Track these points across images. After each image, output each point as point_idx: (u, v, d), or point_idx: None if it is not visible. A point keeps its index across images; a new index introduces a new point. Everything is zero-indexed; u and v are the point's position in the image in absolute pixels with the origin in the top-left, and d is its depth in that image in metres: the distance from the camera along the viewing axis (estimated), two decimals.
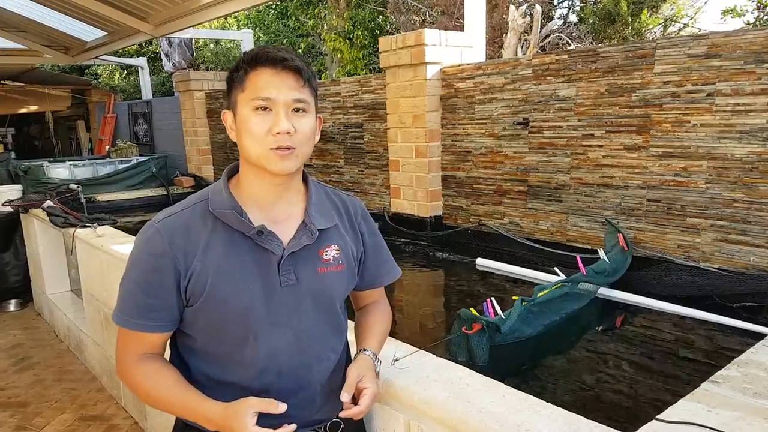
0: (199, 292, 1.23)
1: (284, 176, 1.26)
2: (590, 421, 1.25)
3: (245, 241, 1.26)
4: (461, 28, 3.84)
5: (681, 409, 1.33)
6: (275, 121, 1.20)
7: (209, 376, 1.31)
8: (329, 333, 1.38)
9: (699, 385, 1.45)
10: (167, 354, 1.36)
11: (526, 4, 6.35)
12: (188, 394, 1.25)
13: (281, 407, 1.19)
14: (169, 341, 1.35)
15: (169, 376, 1.27)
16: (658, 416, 1.29)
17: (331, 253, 1.35)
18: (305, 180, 1.38)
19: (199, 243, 1.24)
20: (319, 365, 1.36)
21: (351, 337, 1.52)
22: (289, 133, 1.20)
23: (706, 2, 6.80)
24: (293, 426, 1.20)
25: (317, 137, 1.32)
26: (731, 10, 6.41)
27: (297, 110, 1.23)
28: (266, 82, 1.20)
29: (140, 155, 7.26)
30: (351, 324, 1.55)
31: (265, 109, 1.20)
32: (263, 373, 1.29)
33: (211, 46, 10.47)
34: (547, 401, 1.35)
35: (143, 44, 10.05)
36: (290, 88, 1.21)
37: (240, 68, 1.23)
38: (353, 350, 1.49)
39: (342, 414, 1.30)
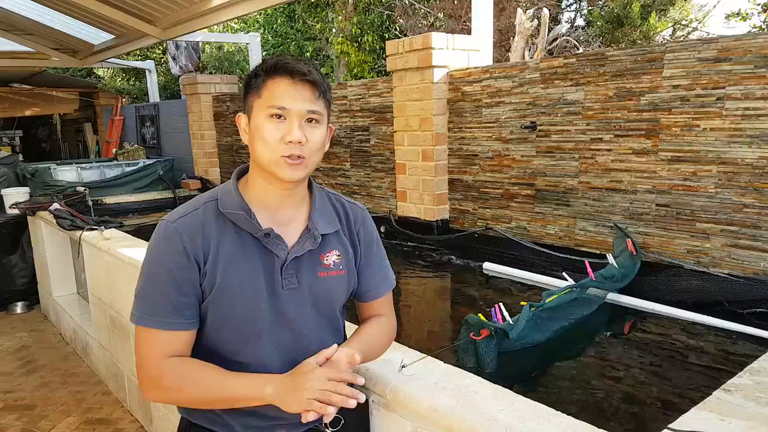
0: (210, 287, 1.27)
1: (292, 183, 1.30)
2: (601, 430, 1.23)
3: (253, 242, 1.30)
4: (468, 32, 3.83)
5: (693, 418, 1.31)
6: (288, 130, 1.23)
7: None
8: (328, 336, 1.41)
9: (711, 394, 1.43)
10: None
11: (534, 8, 6.33)
12: (238, 377, 1.26)
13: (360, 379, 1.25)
14: None
15: (208, 367, 1.27)
16: (669, 425, 1.27)
17: (332, 258, 1.39)
18: (310, 185, 1.42)
19: (211, 241, 1.27)
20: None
21: None
22: (300, 142, 1.24)
23: (714, 6, 6.76)
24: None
25: (327, 146, 1.35)
26: (736, 14, 6.35)
27: (310, 121, 1.27)
28: (283, 91, 1.24)
29: (147, 158, 7.28)
30: (351, 328, 1.55)
31: (279, 117, 1.24)
32: (262, 372, 1.31)
33: (208, 50, 10.46)
34: (556, 409, 1.34)
35: (148, 48, 10.08)
36: (305, 99, 1.25)
37: (258, 75, 1.27)
38: None
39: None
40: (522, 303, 2.19)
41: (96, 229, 3.93)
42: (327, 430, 1.37)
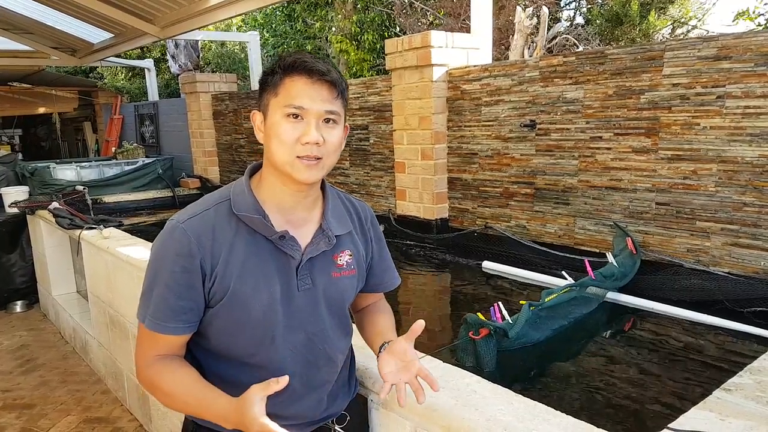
0: (222, 293, 1.24)
1: (306, 184, 1.27)
2: (600, 430, 1.23)
3: (267, 244, 1.27)
4: (467, 30, 3.82)
5: (693, 417, 1.30)
6: (305, 131, 1.21)
7: (222, 377, 1.31)
8: (339, 335, 1.41)
9: (711, 393, 1.42)
10: None
11: (533, 6, 6.32)
12: (204, 391, 1.23)
13: (282, 381, 1.14)
14: None
15: (186, 375, 1.26)
16: (669, 425, 1.27)
17: (344, 258, 1.38)
18: (322, 186, 1.40)
19: (223, 244, 1.24)
20: (328, 366, 1.39)
21: (355, 340, 1.51)
22: (317, 143, 1.21)
23: (714, 4, 6.74)
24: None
25: (342, 145, 1.33)
26: (743, 13, 6.31)
27: (327, 121, 1.24)
28: (300, 90, 1.21)
29: (146, 157, 7.27)
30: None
31: (296, 116, 1.21)
32: (277, 374, 1.29)
33: (213, 48, 10.45)
34: (555, 408, 1.33)
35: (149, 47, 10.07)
36: (323, 99, 1.23)
37: (276, 72, 1.24)
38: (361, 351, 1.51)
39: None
40: (521, 302, 2.19)
41: (95, 228, 3.93)
42: (335, 426, 1.41)
